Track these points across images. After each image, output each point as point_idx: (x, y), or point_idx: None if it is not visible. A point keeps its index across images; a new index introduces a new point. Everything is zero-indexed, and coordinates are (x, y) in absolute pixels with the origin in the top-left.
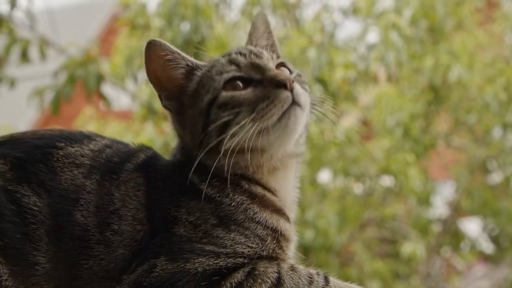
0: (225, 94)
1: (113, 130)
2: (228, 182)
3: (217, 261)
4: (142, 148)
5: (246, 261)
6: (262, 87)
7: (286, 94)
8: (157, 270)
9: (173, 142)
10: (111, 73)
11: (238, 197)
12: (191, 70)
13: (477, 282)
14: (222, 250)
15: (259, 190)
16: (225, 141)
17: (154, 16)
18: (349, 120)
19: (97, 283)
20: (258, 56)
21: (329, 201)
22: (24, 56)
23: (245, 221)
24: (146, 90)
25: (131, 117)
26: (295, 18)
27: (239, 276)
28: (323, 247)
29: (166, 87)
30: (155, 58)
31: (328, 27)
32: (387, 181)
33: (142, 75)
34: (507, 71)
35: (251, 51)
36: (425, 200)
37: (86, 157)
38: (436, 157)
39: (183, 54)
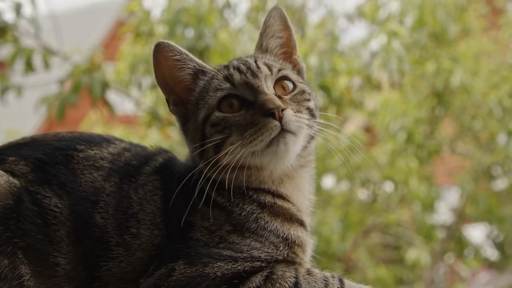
0: (217, 114)
1: (118, 135)
2: (236, 193)
3: (235, 265)
4: (160, 151)
5: (263, 264)
6: (253, 111)
7: (274, 123)
8: (175, 274)
9: (178, 147)
10: (115, 79)
11: (248, 207)
12: (197, 72)
13: None
14: (239, 254)
15: (268, 198)
16: (221, 158)
17: (158, 23)
18: (353, 127)
19: (115, 285)
20: (254, 74)
21: (332, 207)
22: (29, 66)
23: (258, 229)
24: (151, 97)
25: (136, 122)
26: (300, 23)
27: (257, 280)
28: (325, 254)
29: (174, 90)
30: (163, 60)
31: (332, 32)
32: (391, 187)
33: (146, 81)
34: (511, 78)
35: (248, 67)
36: (429, 206)
37: (106, 160)
38: (441, 163)
39: (191, 55)
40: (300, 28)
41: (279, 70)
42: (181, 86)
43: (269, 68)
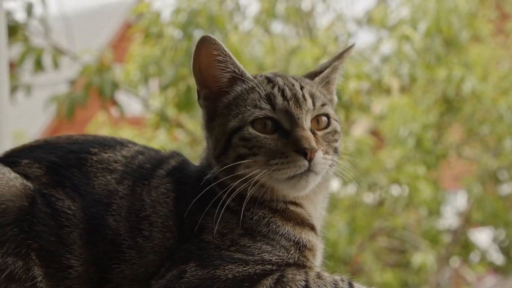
0: (250, 130)
1: (126, 137)
2: (247, 199)
3: (246, 268)
4: (173, 154)
5: (274, 268)
6: (286, 141)
7: (303, 162)
8: (187, 276)
9: (186, 149)
10: (124, 80)
11: (259, 211)
12: (236, 78)
13: None
14: (250, 257)
15: (280, 205)
16: (239, 168)
17: (168, 24)
18: (360, 130)
19: (126, 286)
20: (298, 104)
21: (339, 210)
22: (38, 65)
23: (269, 233)
24: (159, 98)
25: (143, 123)
26: (308, 27)
27: (267, 283)
28: (332, 257)
29: (208, 86)
30: (205, 55)
31: (341, 37)
32: (397, 191)
33: (156, 83)
34: None
35: (294, 95)
36: (435, 211)
37: (119, 163)
38: (447, 168)
39: (234, 59)
40: (308, 31)
41: (322, 105)
42: (216, 85)
43: (314, 101)
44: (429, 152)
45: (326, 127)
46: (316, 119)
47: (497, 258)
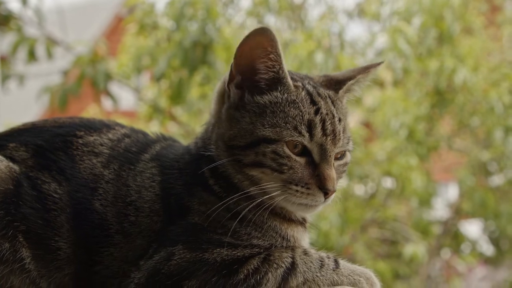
0: (285, 149)
1: None
2: (235, 190)
3: (235, 252)
4: (160, 138)
5: (261, 250)
6: (312, 172)
7: (322, 199)
8: (175, 258)
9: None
10: (117, 72)
11: (244, 202)
12: (277, 81)
13: (477, 284)
14: (240, 242)
15: (271, 203)
16: (257, 174)
17: (162, 16)
18: (352, 122)
19: (116, 267)
20: (334, 142)
21: (331, 202)
22: (31, 55)
23: (257, 221)
24: (153, 89)
25: (135, 116)
26: (300, 19)
27: (255, 262)
28: (324, 247)
29: (244, 74)
30: (257, 45)
31: (334, 29)
32: (389, 182)
33: (148, 75)
34: (511, 75)
35: (333, 131)
36: (426, 202)
37: (105, 146)
38: (438, 160)
39: (283, 62)
40: (300, 24)
41: (348, 142)
42: (254, 78)
43: (345, 137)
44: (420, 144)
45: (340, 158)
46: (339, 153)
47: (487, 249)
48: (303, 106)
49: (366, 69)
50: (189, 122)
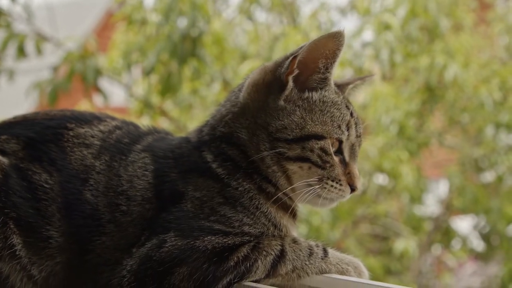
0: (330, 147)
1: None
2: (241, 171)
3: (226, 240)
4: (152, 131)
5: (252, 238)
6: (344, 169)
7: (348, 196)
8: (167, 245)
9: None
10: (108, 67)
11: (246, 184)
12: (326, 82)
13: (468, 279)
14: (231, 230)
15: (270, 188)
16: (293, 168)
17: (151, 11)
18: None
19: (108, 255)
20: (360, 143)
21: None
22: (21, 51)
23: (251, 207)
24: (143, 85)
25: (126, 112)
26: (292, 15)
27: (245, 249)
28: None
29: (302, 69)
30: (327, 46)
31: (324, 25)
32: (380, 178)
33: (138, 71)
34: (501, 71)
35: (361, 134)
36: (417, 198)
37: (96, 138)
38: (430, 156)
39: (335, 68)
40: (291, 20)
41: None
42: (310, 76)
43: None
44: (411, 140)
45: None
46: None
47: (478, 244)
48: (344, 111)
49: (363, 78)
50: (180, 117)
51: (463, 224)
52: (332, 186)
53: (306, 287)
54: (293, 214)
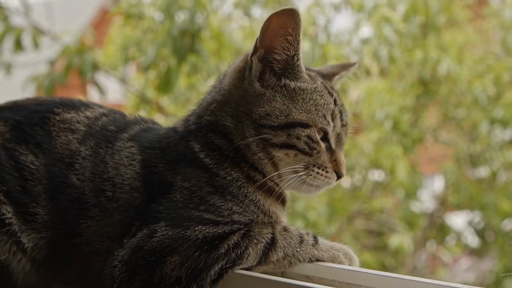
0: (317, 135)
1: None
2: (228, 160)
3: (216, 229)
4: (138, 120)
5: (242, 226)
6: (330, 157)
7: (334, 182)
8: (157, 235)
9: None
10: (104, 62)
11: (235, 173)
12: (290, 66)
13: (462, 275)
14: (221, 219)
15: (258, 176)
16: (280, 155)
17: (149, 5)
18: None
19: (97, 243)
20: (346, 131)
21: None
22: (18, 45)
23: (240, 195)
24: (139, 80)
25: (122, 107)
26: None
27: (235, 237)
28: None
29: (266, 49)
30: (280, 24)
31: (320, 21)
32: (375, 174)
33: (135, 65)
34: (496, 67)
35: (347, 123)
36: (412, 194)
37: (82, 124)
38: (424, 152)
39: (300, 49)
40: None
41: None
42: (271, 56)
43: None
44: (405, 135)
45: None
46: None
47: (473, 240)
48: (326, 95)
49: (347, 67)
50: (176, 112)
51: (458, 220)
52: (318, 173)
53: (303, 276)
54: (282, 200)
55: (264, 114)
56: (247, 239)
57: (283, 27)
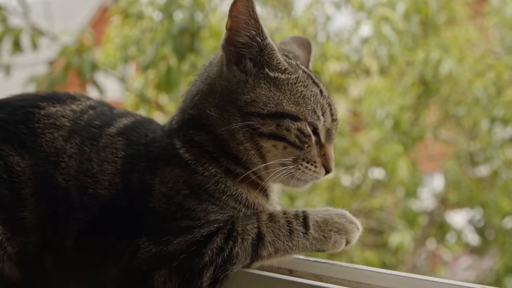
0: (308, 128)
1: None
2: (207, 155)
3: (193, 235)
4: (125, 114)
5: (221, 225)
6: (319, 151)
7: (322, 177)
8: (142, 252)
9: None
10: (103, 61)
11: (212, 169)
12: (258, 49)
13: (462, 273)
14: (197, 222)
15: (239, 169)
16: (267, 146)
17: (148, 5)
18: (339, 111)
19: (86, 250)
20: (335, 126)
21: (318, 190)
22: (16, 45)
23: (216, 192)
24: (139, 79)
25: (121, 106)
26: (286, 9)
27: (218, 240)
28: None
29: (231, 31)
30: (235, 8)
31: (320, 19)
32: (376, 173)
33: (134, 65)
34: (496, 65)
35: (337, 118)
36: (412, 192)
37: (67, 118)
38: (424, 150)
39: (261, 26)
40: (286, 13)
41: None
42: (236, 40)
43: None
44: (406, 134)
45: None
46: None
47: (473, 238)
48: (312, 87)
49: (308, 47)
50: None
51: (458, 218)
52: (306, 167)
53: (312, 275)
54: (265, 195)
55: (250, 101)
56: (231, 240)
57: (236, 8)
